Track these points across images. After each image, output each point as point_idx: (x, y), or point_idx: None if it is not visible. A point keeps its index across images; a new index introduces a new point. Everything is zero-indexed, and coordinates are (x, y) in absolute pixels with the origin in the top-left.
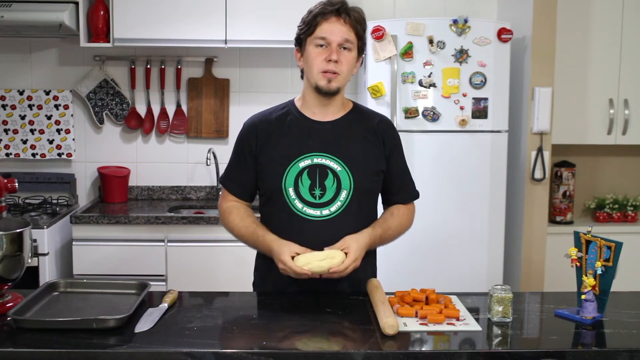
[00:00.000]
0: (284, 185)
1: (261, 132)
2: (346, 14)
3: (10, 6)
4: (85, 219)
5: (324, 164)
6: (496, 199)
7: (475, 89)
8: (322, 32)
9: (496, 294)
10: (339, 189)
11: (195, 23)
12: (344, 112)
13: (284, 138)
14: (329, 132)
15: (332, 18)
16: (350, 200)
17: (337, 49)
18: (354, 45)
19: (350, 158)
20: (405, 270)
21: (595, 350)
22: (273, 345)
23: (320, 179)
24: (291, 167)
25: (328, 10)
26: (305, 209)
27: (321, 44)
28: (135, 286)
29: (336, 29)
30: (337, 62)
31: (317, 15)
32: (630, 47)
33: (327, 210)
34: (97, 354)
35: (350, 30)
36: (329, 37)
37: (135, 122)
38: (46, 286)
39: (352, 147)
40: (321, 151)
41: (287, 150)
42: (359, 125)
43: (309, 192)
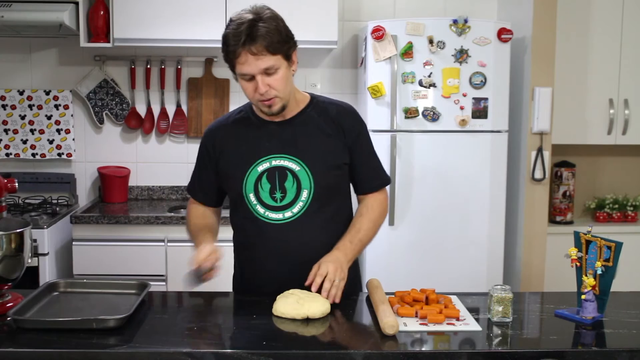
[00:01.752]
0: (244, 191)
1: (219, 138)
2: (252, 43)
3: (10, 6)
4: (85, 219)
5: (282, 166)
6: (496, 199)
7: (475, 89)
8: (240, 69)
9: (496, 294)
10: (299, 190)
11: (195, 23)
12: (299, 108)
13: (241, 142)
14: (286, 132)
15: (242, 55)
16: (312, 200)
17: (262, 78)
18: (278, 63)
19: (309, 156)
20: (405, 270)
21: (595, 350)
22: (273, 345)
23: (280, 181)
24: (250, 172)
25: (235, 46)
26: (267, 213)
27: (247, 79)
28: (136, 286)
29: (251, 65)
30: (268, 90)
31: (229, 52)
32: (630, 47)
33: (290, 212)
34: (97, 354)
35: (263, 56)
36: (249, 72)
37: (135, 122)
38: (46, 286)
39: (309, 144)
40: (279, 152)
41: (244, 155)
42: (316, 119)
43: (269, 195)
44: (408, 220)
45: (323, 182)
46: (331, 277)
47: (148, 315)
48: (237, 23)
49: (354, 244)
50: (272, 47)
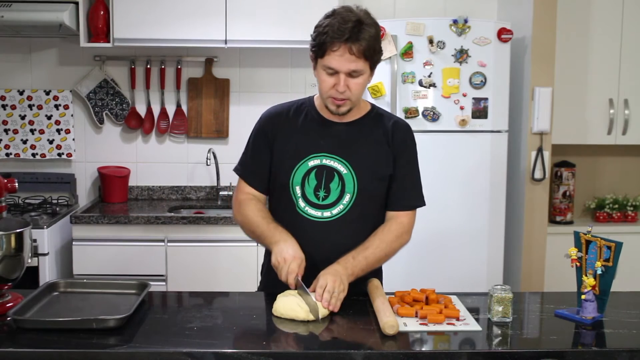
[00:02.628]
0: (291, 182)
1: (277, 125)
2: (355, 42)
3: (10, 6)
4: (85, 219)
5: (331, 166)
6: (496, 199)
7: (475, 89)
8: (330, 62)
9: (496, 294)
10: (342, 192)
11: (195, 23)
12: (360, 114)
13: (297, 134)
14: (342, 134)
15: (339, 49)
16: (353, 205)
17: (346, 78)
18: (364, 70)
19: (358, 162)
20: (405, 270)
21: (595, 350)
22: (273, 345)
23: (326, 180)
24: (300, 165)
25: (337, 39)
26: (307, 208)
27: (330, 72)
28: (136, 286)
29: (343, 61)
30: (346, 90)
31: (326, 42)
32: (630, 47)
33: (329, 212)
34: (97, 354)
35: (359, 59)
36: (337, 67)
37: (135, 122)
38: (46, 286)
39: (362, 150)
40: (331, 152)
41: (298, 147)
42: (373, 128)
43: (313, 192)
44: None
45: (367, 189)
46: (330, 289)
47: (148, 315)
48: (344, 18)
49: (357, 260)
50: (369, 52)
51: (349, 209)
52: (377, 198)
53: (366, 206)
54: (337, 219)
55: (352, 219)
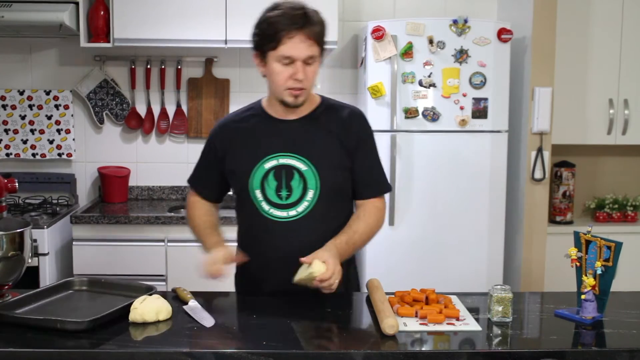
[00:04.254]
0: (250, 187)
1: (227, 134)
2: (311, 27)
3: (11, 6)
4: (85, 219)
5: (289, 164)
6: (496, 199)
7: (475, 89)
8: (286, 50)
9: (496, 294)
10: (305, 189)
11: (195, 23)
12: (310, 108)
13: (249, 139)
14: (295, 131)
15: (296, 36)
16: (318, 200)
17: (302, 66)
18: (317, 57)
19: (316, 156)
20: (405, 270)
21: (595, 350)
22: (273, 345)
23: (286, 179)
24: (257, 169)
25: (291, 27)
26: (272, 210)
27: (285, 62)
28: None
29: (301, 47)
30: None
31: (280, 31)
32: (630, 47)
33: (294, 211)
34: (97, 354)
35: (313, 44)
36: (294, 55)
37: (135, 122)
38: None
39: (318, 144)
40: (287, 151)
41: (252, 152)
42: (326, 120)
43: (275, 193)
44: (408, 220)
45: (329, 183)
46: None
47: None
48: (291, 8)
49: (349, 245)
50: (321, 37)
51: (315, 205)
52: (341, 190)
53: (331, 200)
54: (304, 216)
55: (319, 214)
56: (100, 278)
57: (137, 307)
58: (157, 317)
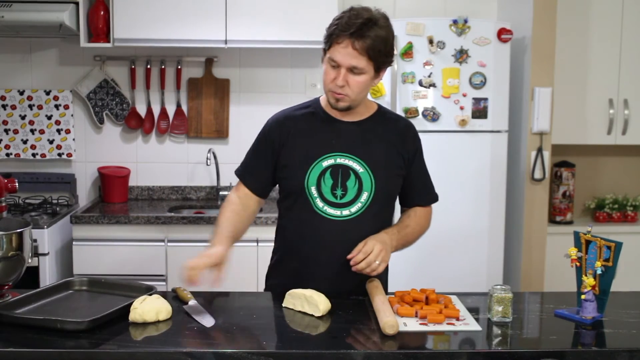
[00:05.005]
0: (306, 183)
1: (285, 129)
2: (359, 39)
3: (11, 6)
4: (85, 219)
5: (346, 165)
6: (496, 199)
7: (475, 89)
8: (334, 54)
9: (496, 293)
10: (360, 190)
11: (195, 23)
12: (367, 114)
13: (308, 136)
14: (353, 133)
15: (344, 42)
16: (371, 202)
17: (346, 73)
18: (366, 69)
19: (373, 160)
20: (405, 270)
21: (595, 350)
22: (273, 345)
23: (342, 179)
24: (314, 166)
25: (342, 33)
26: (326, 208)
27: (333, 65)
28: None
29: (345, 55)
30: (344, 87)
31: (333, 34)
32: (630, 47)
33: (348, 210)
34: (96, 353)
35: (360, 56)
36: (339, 61)
37: (135, 122)
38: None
39: (375, 149)
40: (344, 151)
41: (310, 148)
42: (383, 127)
43: (330, 191)
44: None
45: (384, 187)
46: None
47: None
48: (356, 14)
49: (401, 235)
50: (373, 52)
51: (367, 207)
52: (392, 196)
53: (382, 203)
54: (356, 216)
55: (370, 217)
56: (100, 278)
57: (137, 307)
58: (157, 317)
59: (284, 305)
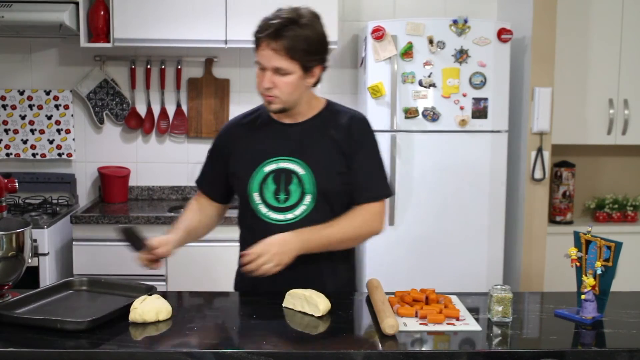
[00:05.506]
0: (249, 190)
1: (232, 136)
2: (276, 40)
3: (11, 6)
4: (85, 219)
5: (288, 168)
6: (496, 199)
7: (475, 89)
8: (258, 56)
9: (496, 293)
10: (303, 193)
11: (195, 23)
12: (312, 113)
13: (251, 142)
14: (297, 135)
15: (262, 44)
16: (315, 204)
17: (271, 75)
18: (292, 69)
19: (315, 161)
20: (405, 270)
21: (595, 350)
22: (273, 345)
23: (285, 183)
24: (257, 172)
25: (259, 35)
26: (269, 213)
27: (260, 68)
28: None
29: (265, 56)
30: (271, 88)
31: (256, 38)
32: (630, 47)
33: (292, 214)
34: (96, 353)
35: (281, 57)
36: (262, 63)
37: (135, 122)
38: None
39: (318, 149)
40: (287, 155)
41: (254, 155)
42: (328, 125)
43: (273, 196)
44: (408, 220)
45: (327, 187)
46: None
47: None
48: (275, 16)
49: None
50: (293, 52)
51: (312, 209)
52: (338, 195)
53: (328, 205)
54: (300, 219)
55: (316, 219)
56: (100, 278)
57: (137, 307)
58: (157, 317)
59: (284, 306)
